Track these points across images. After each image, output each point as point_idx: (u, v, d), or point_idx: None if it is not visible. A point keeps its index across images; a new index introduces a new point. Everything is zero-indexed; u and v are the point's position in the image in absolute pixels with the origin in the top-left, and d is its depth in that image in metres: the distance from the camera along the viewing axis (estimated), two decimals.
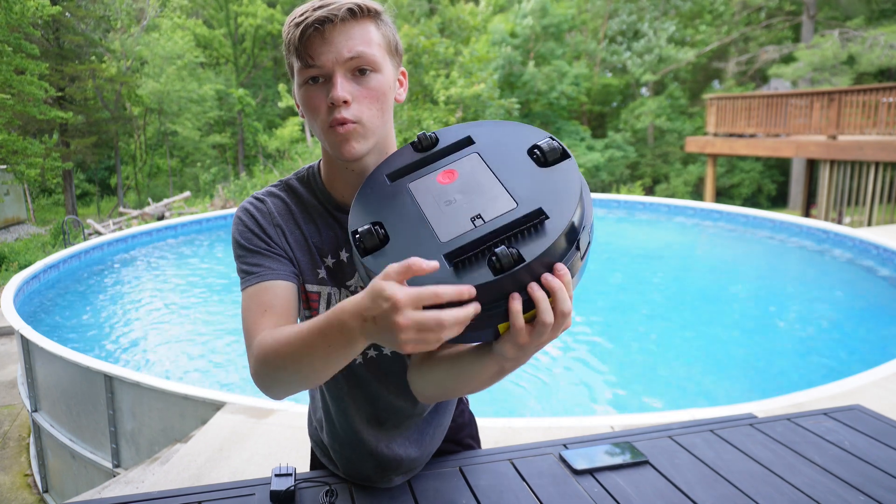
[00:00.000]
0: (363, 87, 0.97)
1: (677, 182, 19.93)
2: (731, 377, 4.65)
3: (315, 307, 1.11)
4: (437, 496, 1.19)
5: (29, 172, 11.73)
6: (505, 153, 0.94)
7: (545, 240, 0.79)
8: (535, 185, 0.87)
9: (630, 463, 1.30)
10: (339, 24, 0.94)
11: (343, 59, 0.95)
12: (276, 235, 1.07)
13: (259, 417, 3.02)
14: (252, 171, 20.34)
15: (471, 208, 0.87)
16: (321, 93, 0.96)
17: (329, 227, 1.10)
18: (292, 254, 1.08)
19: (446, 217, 0.87)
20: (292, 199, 1.11)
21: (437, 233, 0.85)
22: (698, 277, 7.47)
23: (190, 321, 5.97)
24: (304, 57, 0.95)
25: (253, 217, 1.07)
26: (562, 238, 0.80)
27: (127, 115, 19.47)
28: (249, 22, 21.52)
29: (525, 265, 0.77)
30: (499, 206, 0.85)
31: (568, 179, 0.86)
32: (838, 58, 15.84)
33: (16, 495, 4.18)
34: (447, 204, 0.89)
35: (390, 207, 0.93)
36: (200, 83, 20.14)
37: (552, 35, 19.71)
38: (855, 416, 1.54)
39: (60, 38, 16.39)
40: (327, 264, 1.10)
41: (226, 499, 1.20)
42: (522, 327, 0.79)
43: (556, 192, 0.85)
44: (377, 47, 0.97)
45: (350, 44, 0.95)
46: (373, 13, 0.98)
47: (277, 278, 1.03)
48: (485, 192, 0.88)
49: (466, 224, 0.85)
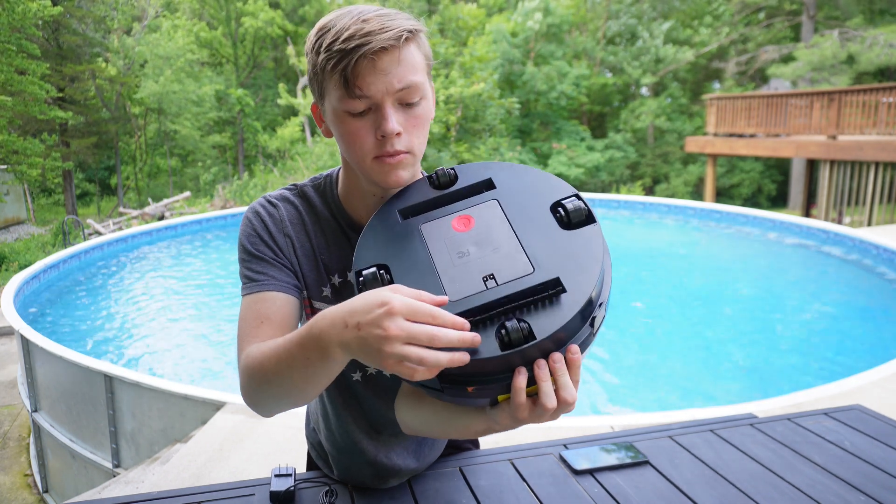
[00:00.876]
0: (411, 115, 0.91)
1: (677, 182, 19.93)
2: (731, 377, 4.65)
3: None
4: (437, 496, 1.19)
5: (29, 172, 11.73)
6: (526, 205, 0.87)
7: (560, 317, 0.73)
8: (555, 249, 0.80)
9: (630, 463, 1.30)
10: (390, 52, 0.86)
11: (394, 91, 0.87)
12: (284, 245, 1.01)
13: (259, 417, 3.02)
14: (252, 171, 20.34)
15: (484, 265, 0.80)
16: (367, 123, 0.89)
17: (339, 246, 1.04)
18: (299, 267, 1.02)
19: (457, 272, 0.81)
20: (306, 207, 1.05)
21: (447, 289, 0.79)
22: (698, 277, 7.47)
23: (190, 321, 5.97)
24: (352, 87, 0.86)
25: (263, 221, 1.01)
26: (577, 315, 0.74)
27: (127, 115, 19.48)
28: (251, 23, 21.52)
29: (535, 343, 0.72)
30: (514, 268, 0.79)
31: (590, 248, 0.80)
32: (838, 57, 15.85)
33: (16, 495, 4.18)
34: (460, 256, 0.83)
35: (399, 249, 0.87)
36: (200, 83, 20.14)
37: (553, 35, 19.71)
38: (855, 416, 1.54)
39: (60, 38, 16.38)
40: (333, 283, 1.04)
41: (226, 499, 1.20)
42: (523, 403, 0.74)
43: (576, 261, 0.78)
44: (422, 72, 0.91)
45: (401, 73, 0.87)
46: (415, 33, 0.90)
47: (279, 290, 0.98)
48: (501, 247, 0.82)
49: (478, 284, 0.78)
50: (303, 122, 20.65)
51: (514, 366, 0.73)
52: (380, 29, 0.84)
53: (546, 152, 18.77)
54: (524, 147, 18.36)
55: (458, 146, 16.47)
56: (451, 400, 0.80)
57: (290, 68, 24.00)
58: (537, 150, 18.86)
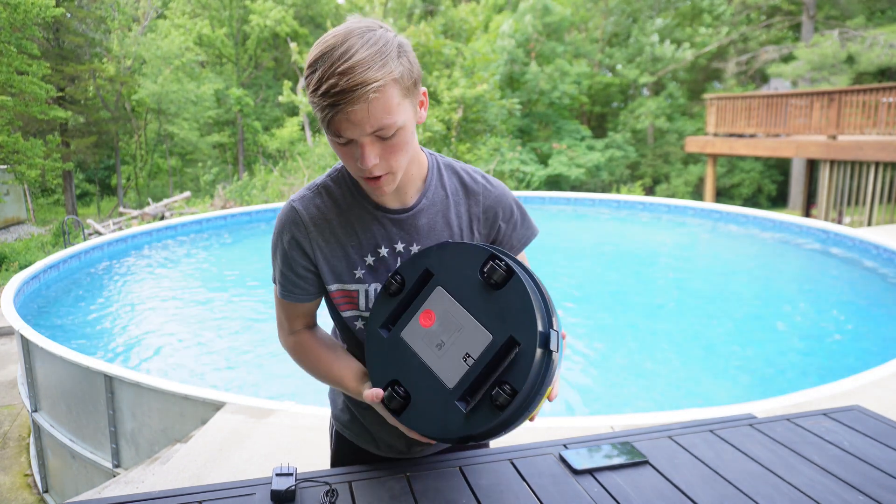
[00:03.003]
0: (388, 145, 1.03)
1: (678, 182, 19.93)
2: (731, 377, 4.65)
3: (354, 303, 1.21)
4: (437, 496, 1.19)
5: (29, 173, 11.72)
6: (462, 281, 1.08)
7: (525, 366, 0.97)
8: (498, 310, 1.02)
9: (630, 463, 1.30)
10: (360, 106, 0.97)
11: (368, 133, 1.00)
12: (311, 252, 1.18)
13: (259, 417, 3.02)
14: (252, 171, 20.33)
15: (458, 348, 1.03)
16: (349, 150, 1.04)
17: (366, 228, 1.18)
18: (324, 267, 1.19)
19: (443, 362, 1.04)
20: (329, 203, 1.18)
21: (444, 380, 1.03)
22: (698, 277, 7.47)
23: (190, 321, 5.97)
24: (333, 131, 1.01)
25: (294, 239, 1.18)
26: (537, 352, 0.97)
27: (127, 115, 19.48)
28: (258, 22, 21.47)
29: (520, 394, 0.96)
30: (478, 340, 1.02)
31: (520, 299, 1.01)
32: (838, 57, 15.84)
33: (16, 495, 4.18)
34: (438, 347, 1.05)
35: (397, 361, 1.10)
36: (199, 83, 20.13)
37: (553, 34, 19.70)
38: (854, 416, 1.54)
39: (61, 38, 16.39)
40: (368, 263, 1.19)
41: (226, 498, 1.20)
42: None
43: (516, 314, 1.00)
44: (396, 111, 1.00)
45: (373, 120, 0.99)
46: (386, 83, 0.98)
47: (308, 301, 1.24)
48: (462, 327, 1.04)
49: (461, 365, 1.02)
50: (303, 122, 20.65)
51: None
52: (351, 88, 0.95)
53: (546, 152, 18.75)
54: (524, 147, 18.34)
55: (459, 146, 16.47)
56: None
57: (290, 68, 24.01)
58: (538, 150, 18.84)
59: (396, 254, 1.19)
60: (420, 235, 1.20)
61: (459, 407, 1.00)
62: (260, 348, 5.33)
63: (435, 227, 1.21)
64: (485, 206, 1.23)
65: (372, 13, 15.11)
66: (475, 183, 1.24)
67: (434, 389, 1.04)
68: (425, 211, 1.20)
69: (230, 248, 9.18)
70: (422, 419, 1.04)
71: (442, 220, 1.21)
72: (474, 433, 0.99)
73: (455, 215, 1.22)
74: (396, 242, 1.19)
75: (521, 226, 1.27)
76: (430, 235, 1.20)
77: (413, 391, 1.06)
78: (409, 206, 1.19)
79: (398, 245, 1.19)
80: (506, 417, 0.97)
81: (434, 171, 1.22)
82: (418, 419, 1.04)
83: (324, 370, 1.23)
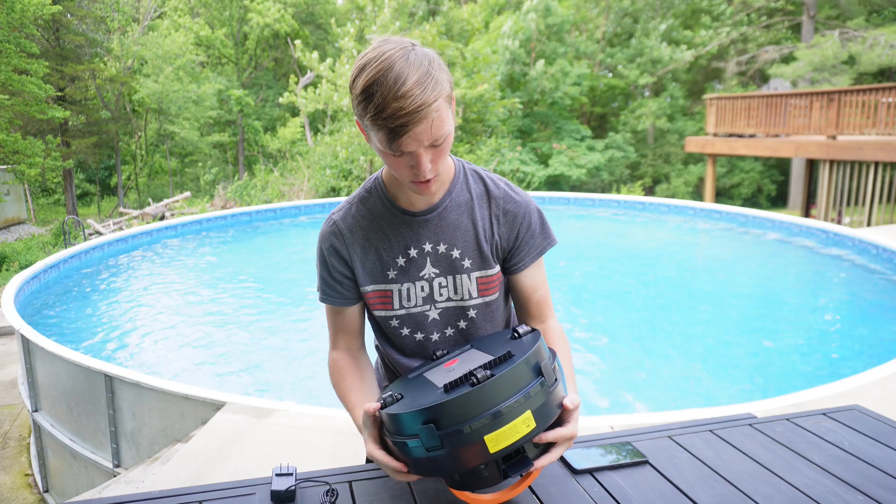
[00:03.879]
0: (438, 150, 1.12)
1: (678, 182, 19.93)
2: (731, 377, 4.65)
3: (389, 303, 1.31)
4: (438, 496, 1.20)
5: (29, 172, 11.73)
6: (493, 342, 1.22)
7: (510, 364, 1.03)
8: (509, 346, 1.13)
9: (630, 463, 1.31)
10: (425, 124, 1.06)
11: (425, 146, 1.09)
12: (348, 258, 1.31)
13: (259, 417, 3.03)
14: (253, 171, 20.34)
15: (464, 369, 1.11)
16: (404, 161, 1.12)
17: (396, 231, 1.29)
18: (360, 269, 1.31)
19: (445, 376, 1.13)
20: (363, 212, 1.31)
21: (436, 384, 1.11)
22: (698, 277, 7.47)
23: (190, 321, 5.97)
24: (392, 146, 1.08)
25: (333, 247, 1.31)
26: (522, 367, 1.02)
27: (127, 114, 19.47)
28: (258, 20, 21.47)
29: (495, 378, 1.00)
30: (481, 361, 1.11)
31: (533, 339, 1.11)
32: (838, 58, 15.84)
33: (16, 495, 4.18)
34: (447, 373, 1.15)
35: (407, 386, 1.20)
36: (199, 83, 20.13)
37: (554, 34, 19.69)
38: (854, 416, 1.54)
39: (60, 38, 16.39)
40: (400, 264, 1.29)
41: (226, 498, 1.20)
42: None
43: (522, 345, 1.10)
44: (447, 120, 1.10)
45: (433, 133, 1.08)
46: (443, 87, 1.09)
47: (344, 305, 1.35)
48: (475, 361, 1.14)
49: (458, 375, 1.09)
50: (303, 122, 20.65)
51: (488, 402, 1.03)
52: (416, 108, 1.04)
53: (546, 152, 18.75)
54: (524, 147, 18.34)
55: (459, 146, 16.46)
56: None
57: (290, 68, 24.01)
58: (538, 150, 18.84)
59: (426, 254, 1.29)
60: (446, 234, 1.29)
61: (440, 391, 1.05)
62: (260, 348, 5.34)
63: (460, 225, 1.29)
64: (505, 209, 1.31)
65: (380, 14, 15.09)
66: (497, 188, 1.32)
67: (425, 390, 1.11)
68: (450, 210, 1.29)
69: (230, 248, 9.18)
70: (402, 406, 1.08)
71: (468, 220, 1.30)
72: (444, 401, 0.98)
73: (480, 216, 1.30)
74: (424, 243, 1.29)
75: (540, 234, 1.34)
76: (457, 234, 1.29)
77: (407, 395, 1.12)
78: (435, 206, 1.28)
79: (426, 245, 1.29)
80: (477, 391, 0.98)
81: (460, 174, 1.32)
82: (399, 406, 1.08)
83: (341, 393, 1.31)
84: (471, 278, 1.30)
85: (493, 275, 1.31)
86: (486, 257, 1.30)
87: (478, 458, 0.99)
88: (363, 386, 1.30)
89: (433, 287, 1.30)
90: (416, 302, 1.30)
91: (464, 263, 1.29)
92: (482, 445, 0.98)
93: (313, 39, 23.69)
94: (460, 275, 1.29)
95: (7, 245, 11.25)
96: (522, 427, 1.00)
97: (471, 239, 1.29)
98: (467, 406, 0.98)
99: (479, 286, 1.31)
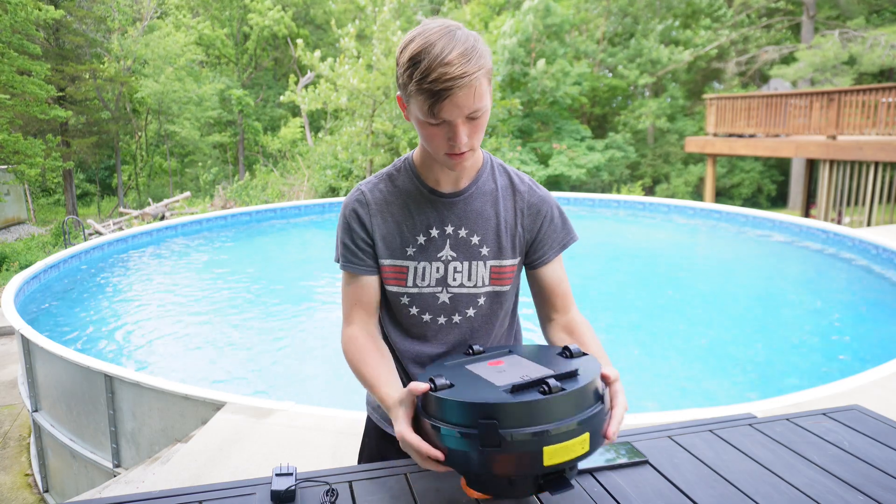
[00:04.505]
0: (475, 124, 1.15)
1: (678, 182, 19.93)
2: (731, 377, 4.66)
3: (403, 279, 1.33)
4: (438, 496, 1.20)
5: (29, 172, 11.74)
6: (539, 354, 1.20)
7: (580, 382, 1.02)
8: (567, 363, 1.11)
9: (630, 463, 1.31)
10: (467, 91, 1.09)
11: (465, 115, 1.12)
12: (370, 226, 1.31)
13: (259, 417, 3.03)
14: (253, 171, 20.34)
15: (518, 373, 1.10)
16: (441, 131, 1.15)
17: (420, 209, 1.31)
18: (380, 241, 1.32)
19: (499, 377, 1.10)
20: (391, 187, 1.33)
21: (493, 382, 1.07)
22: (698, 277, 7.47)
23: (190, 321, 5.97)
24: (434, 114, 1.11)
25: (355, 212, 1.32)
26: (590, 387, 1.02)
27: (127, 115, 19.47)
28: (257, 21, 21.48)
29: (566, 392, 0.99)
30: (540, 371, 1.09)
31: (592, 362, 1.11)
32: (839, 58, 15.83)
33: (16, 495, 4.18)
34: (498, 372, 1.12)
35: (452, 373, 1.15)
36: (200, 83, 20.13)
37: (554, 34, 19.68)
38: (854, 416, 1.54)
39: (61, 38, 16.39)
40: (420, 242, 1.31)
41: (226, 498, 1.20)
42: None
43: (584, 365, 1.09)
44: (487, 94, 1.14)
45: (472, 103, 1.11)
46: (486, 62, 1.12)
47: (364, 273, 1.33)
48: (527, 367, 1.13)
49: (516, 378, 1.07)
50: (303, 122, 20.65)
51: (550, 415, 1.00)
52: (460, 75, 1.08)
53: (546, 152, 18.74)
54: (524, 147, 18.34)
55: None
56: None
57: (290, 68, 24.00)
58: (538, 150, 18.84)
59: (446, 236, 1.31)
60: (469, 219, 1.32)
61: (502, 392, 1.02)
62: (260, 348, 5.34)
63: (484, 213, 1.33)
64: (529, 203, 1.35)
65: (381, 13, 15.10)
66: (522, 183, 1.37)
67: (480, 384, 1.07)
68: (476, 196, 1.32)
69: (230, 248, 9.19)
70: (457, 394, 1.04)
71: (491, 209, 1.33)
72: (513, 401, 0.97)
73: (503, 208, 1.34)
74: (447, 225, 1.31)
75: (562, 229, 1.39)
76: (479, 221, 1.32)
77: (458, 383, 1.09)
78: (462, 190, 1.31)
79: (448, 227, 1.31)
80: (547, 401, 0.97)
81: (487, 165, 1.36)
82: (454, 394, 1.03)
83: (363, 368, 1.27)
84: (486, 266, 1.33)
85: (506, 266, 1.34)
86: (503, 248, 1.33)
87: (528, 467, 0.99)
88: (386, 362, 1.28)
89: (448, 270, 1.32)
90: (430, 282, 1.32)
91: (481, 250, 1.32)
92: (538, 456, 0.98)
93: (313, 40, 23.69)
94: (476, 261, 1.32)
95: (7, 245, 11.26)
96: (578, 447, 1.00)
97: (492, 228, 1.32)
98: (535, 413, 0.97)
99: (491, 274, 1.34)
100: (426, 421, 1.06)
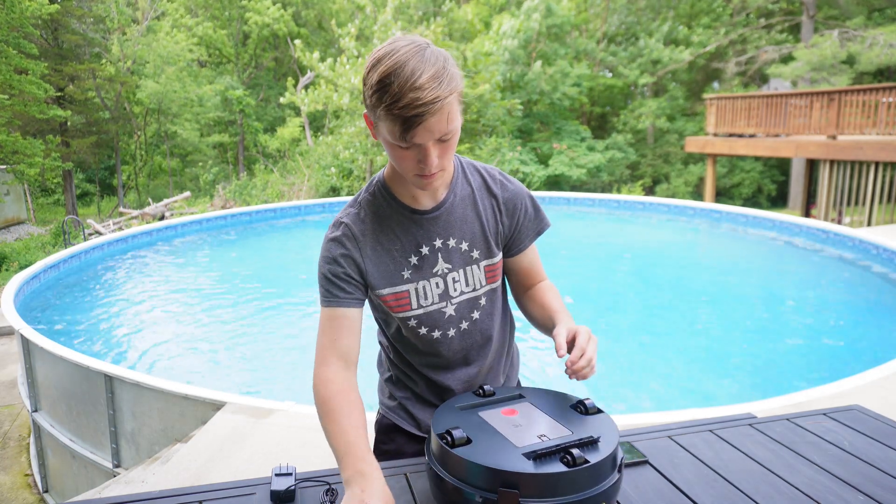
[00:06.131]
0: (445, 145, 1.14)
1: (678, 182, 19.91)
2: (731, 377, 4.65)
3: (406, 304, 1.31)
4: None
5: (29, 172, 11.73)
6: (552, 405, 1.19)
7: (602, 453, 1.02)
8: (583, 424, 1.11)
9: (630, 463, 1.31)
10: (438, 116, 1.07)
11: (435, 139, 1.11)
12: (360, 260, 1.27)
13: (259, 417, 3.03)
14: (253, 171, 20.33)
15: (535, 431, 1.09)
16: (412, 154, 1.13)
17: (406, 231, 1.30)
18: (374, 272, 1.28)
19: (516, 433, 1.08)
20: (369, 214, 1.30)
21: (512, 441, 1.05)
22: (698, 277, 7.47)
23: (190, 321, 5.97)
24: (405, 138, 1.09)
25: (343, 246, 1.27)
26: (610, 457, 1.03)
27: (127, 114, 19.47)
28: (255, 20, 21.47)
29: (590, 465, 0.99)
30: (558, 432, 1.08)
31: (609, 423, 1.11)
32: (837, 57, 15.82)
33: (16, 495, 4.18)
34: (514, 427, 1.11)
35: (466, 423, 1.13)
36: (200, 83, 20.12)
37: (555, 35, 19.68)
38: (854, 416, 1.54)
39: (59, 37, 16.38)
40: (413, 263, 1.30)
41: (226, 498, 1.20)
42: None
43: (601, 429, 1.09)
44: (457, 116, 1.13)
45: (443, 126, 1.09)
46: (456, 84, 1.11)
47: (347, 305, 1.26)
48: (543, 423, 1.12)
49: (535, 439, 1.06)
50: (302, 123, 20.65)
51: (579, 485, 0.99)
52: (432, 100, 1.05)
53: (546, 152, 18.73)
54: (524, 147, 18.33)
55: (460, 146, 16.46)
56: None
57: (291, 68, 24.00)
58: (538, 150, 18.83)
59: (437, 250, 1.31)
60: (455, 228, 1.32)
61: (523, 459, 1.00)
62: (260, 348, 5.34)
63: (466, 218, 1.33)
64: (504, 198, 1.37)
65: (382, 13, 15.09)
66: (494, 180, 1.37)
67: (499, 444, 1.05)
68: (456, 204, 1.32)
69: (230, 248, 9.19)
70: (477, 455, 1.02)
71: (472, 212, 1.34)
72: (536, 472, 0.97)
73: (482, 207, 1.35)
74: (435, 239, 1.31)
75: (535, 218, 1.41)
76: (464, 227, 1.33)
77: (476, 439, 1.06)
78: (441, 203, 1.31)
79: (437, 241, 1.31)
80: (570, 473, 0.97)
81: (459, 170, 1.35)
82: (473, 453, 1.01)
83: (342, 425, 1.13)
84: (480, 268, 1.35)
85: (496, 262, 1.38)
86: (490, 246, 1.35)
87: None
88: (363, 422, 1.17)
89: (447, 282, 1.33)
90: (433, 300, 1.32)
91: (472, 254, 1.34)
92: None
93: (313, 40, 23.69)
94: (471, 266, 1.34)
95: (7, 245, 11.25)
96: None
97: (477, 230, 1.34)
98: (556, 484, 0.98)
99: (486, 274, 1.36)
100: (442, 475, 1.05)
